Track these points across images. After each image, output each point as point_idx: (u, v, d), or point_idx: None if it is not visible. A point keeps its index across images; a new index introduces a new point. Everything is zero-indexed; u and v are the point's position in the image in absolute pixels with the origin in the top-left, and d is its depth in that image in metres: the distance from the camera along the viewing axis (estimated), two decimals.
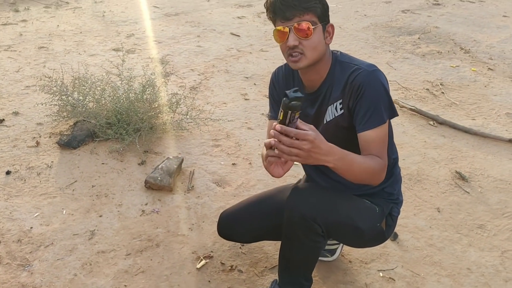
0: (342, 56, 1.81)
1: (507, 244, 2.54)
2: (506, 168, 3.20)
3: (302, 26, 1.65)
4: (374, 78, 1.71)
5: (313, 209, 1.67)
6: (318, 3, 1.68)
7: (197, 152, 3.15)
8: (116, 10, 5.86)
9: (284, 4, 1.64)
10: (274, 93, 2.00)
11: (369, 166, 1.67)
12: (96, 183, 2.79)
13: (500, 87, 4.45)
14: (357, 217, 1.79)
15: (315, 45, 1.69)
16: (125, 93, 3.25)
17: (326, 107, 1.83)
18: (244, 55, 4.79)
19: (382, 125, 1.71)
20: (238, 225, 2.12)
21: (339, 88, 1.77)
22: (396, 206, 1.99)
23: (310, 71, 1.79)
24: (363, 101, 1.71)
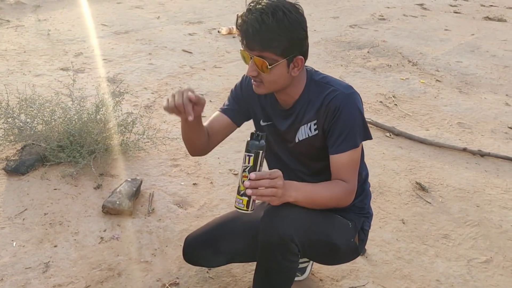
0: (317, 75, 1.77)
1: (471, 252, 2.57)
2: (463, 177, 3.27)
3: (259, 61, 1.58)
4: (350, 101, 1.68)
5: (290, 229, 1.61)
6: (282, 40, 1.56)
7: (155, 173, 3.03)
8: (62, 28, 5.64)
9: (247, 34, 1.57)
10: (239, 97, 1.92)
11: (333, 195, 1.69)
12: (48, 210, 2.61)
13: (449, 98, 4.58)
14: (332, 234, 1.74)
15: (273, 79, 1.64)
16: (77, 114, 3.10)
17: (298, 126, 1.78)
18: (198, 72, 4.71)
19: (355, 149, 1.70)
20: (205, 249, 2.02)
21: (313, 109, 1.72)
22: (367, 220, 1.97)
23: (279, 93, 1.74)
24: (338, 123, 1.68)
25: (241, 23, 1.59)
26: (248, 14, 1.57)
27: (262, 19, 1.53)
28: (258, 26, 1.53)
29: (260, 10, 1.55)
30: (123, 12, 6.51)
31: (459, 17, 7.82)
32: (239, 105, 1.91)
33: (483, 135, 3.90)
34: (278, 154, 1.93)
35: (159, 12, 6.60)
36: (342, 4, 7.99)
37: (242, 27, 1.58)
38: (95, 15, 6.25)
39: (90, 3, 6.76)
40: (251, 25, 1.54)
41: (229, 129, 1.94)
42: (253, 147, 1.45)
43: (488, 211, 2.93)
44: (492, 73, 5.35)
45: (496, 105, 4.51)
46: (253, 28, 1.53)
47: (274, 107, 1.84)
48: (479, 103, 4.52)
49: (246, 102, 1.90)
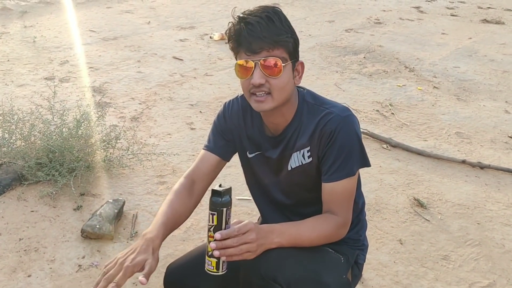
0: (310, 96, 1.61)
1: (473, 275, 2.43)
2: (463, 192, 3.13)
3: (270, 62, 1.43)
4: (347, 125, 1.53)
5: (273, 268, 1.45)
6: (290, 37, 1.46)
7: (140, 191, 2.88)
8: (49, 35, 5.48)
9: (251, 34, 1.41)
10: (224, 128, 1.75)
11: (321, 233, 1.55)
12: (24, 235, 2.46)
13: (447, 106, 4.45)
14: (321, 271, 1.58)
15: (283, 85, 1.48)
16: (57, 129, 2.94)
17: (290, 153, 1.63)
18: (188, 80, 4.55)
19: (350, 177, 1.55)
20: (188, 280, 1.86)
21: (307, 134, 1.57)
22: (362, 252, 1.82)
23: (275, 113, 1.57)
24: (333, 149, 1.53)
25: (239, 28, 1.44)
26: (246, 18, 1.43)
27: (267, 17, 1.42)
28: (265, 22, 1.41)
29: (260, 12, 1.44)
30: (112, 17, 6.36)
31: (456, 20, 7.68)
32: (225, 138, 1.74)
33: (482, 146, 3.76)
34: (266, 187, 1.77)
35: (150, 17, 6.45)
36: (337, 7, 7.86)
37: (241, 31, 1.43)
38: (83, 21, 6.10)
39: (78, 8, 6.61)
40: (257, 23, 1.41)
41: (219, 168, 1.77)
42: (216, 205, 1.32)
43: (490, 229, 2.79)
44: (491, 78, 5.22)
45: (495, 113, 4.37)
46: (260, 25, 1.41)
47: (263, 135, 1.69)
48: (478, 111, 4.39)
49: (232, 133, 1.73)
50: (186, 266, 1.88)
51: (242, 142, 1.73)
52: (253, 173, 1.78)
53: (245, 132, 1.72)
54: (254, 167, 1.76)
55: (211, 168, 1.75)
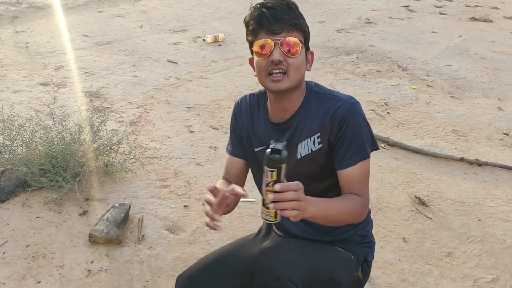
0: (317, 87, 1.66)
1: (477, 271, 2.47)
2: (463, 189, 3.18)
3: (290, 41, 1.51)
4: (356, 111, 1.59)
5: (288, 269, 1.48)
6: (306, 26, 1.57)
7: (144, 195, 2.89)
8: (41, 40, 5.45)
9: (273, 16, 1.50)
10: (236, 128, 1.80)
11: (348, 210, 1.58)
12: (31, 241, 2.45)
13: (441, 104, 4.51)
14: (334, 270, 1.61)
15: (299, 65, 1.55)
16: (59, 134, 2.94)
17: (298, 140, 1.65)
18: (184, 83, 4.56)
19: (365, 160, 1.60)
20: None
21: (316, 121, 1.61)
22: (370, 250, 1.84)
23: (285, 98, 1.61)
24: (346, 134, 1.57)
25: (260, 13, 1.53)
26: (267, 4, 1.54)
27: (287, 4, 1.54)
28: (286, 8, 1.52)
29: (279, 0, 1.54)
30: (105, 21, 6.33)
31: (445, 18, 7.77)
32: (242, 139, 1.79)
33: (478, 143, 3.82)
34: None
35: (142, 21, 6.43)
36: (327, 7, 7.91)
37: (263, 14, 1.52)
38: (75, 25, 6.07)
39: (69, 13, 6.57)
40: (279, 7, 1.51)
41: (247, 168, 1.83)
42: (275, 162, 1.31)
43: (491, 225, 2.84)
44: (483, 76, 5.29)
45: (489, 110, 4.44)
46: (282, 9, 1.51)
47: (268, 124, 1.71)
48: (472, 108, 4.45)
49: (245, 131, 1.77)
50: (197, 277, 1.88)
51: (251, 138, 1.76)
52: (259, 169, 1.80)
53: (252, 128, 1.75)
54: (261, 161, 1.78)
55: (240, 170, 1.81)
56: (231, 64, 5.12)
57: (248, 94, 1.81)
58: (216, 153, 3.39)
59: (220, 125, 3.80)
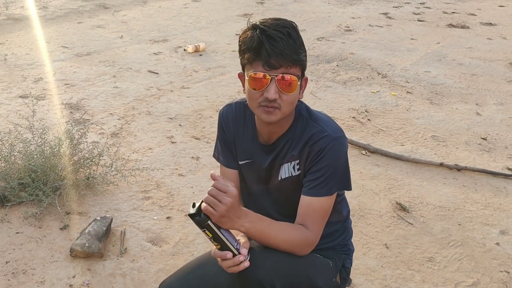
0: (306, 111, 1.65)
1: (458, 275, 2.50)
2: (443, 194, 3.22)
3: (288, 79, 1.46)
4: (336, 146, 1.57)
5: (270, 274, 1.50)
6: (305, 56, 1.50)
7: (126, 207, 2.87)
8: (20, 52, 5.39)
9: (274, 50, 1.43)
10: (225, 138, 1.78)
11: (289, 239, 1.56)
12: (10, 258, 2.42)
13: (421, 110, 4.57)
14: (314, 275, 1.63)
15: (293, 101, 1.52)
16: (38, 148, 2.91)
17: (281, 163, 1.66)
18: (165, 93, 4.55)
19: (328, 197, 1.59)
20: None
21: (297, 147, 1.61)
22: (348, 256, 1.87)
23: (274, 124, 1.61)
24: (318, 166, 1.57)
25: (259, 42, 1.44)
26: (267, 31, 1.44)
27: (288, 34, 1.45)
28: (286, 39, 1.43)
29: (281, 27, 1.46)
30: (84, 32, 6.29)
31: (423, 25, 7.89)
32: (231, 150, 1.78)
33: (457, 148, 3.87)
34: (255, 195, 1.80)
35: (122, 31, 6.41)
36: (307, 16, 7.97)
37: (262, 45, 1.44)
38: (55, 37, 6.02)
39: (49, 24, 6.52)
40: (280, 39, 1.42)
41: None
42: (201, 223, 1.41)
43: (470, 229, 2.88)
44: (461, 82, 5.38)
45: (467, 115, 4.51)
46: (283, 41, 1.42)
47: (256, 142, 1.72)
48: (451, 114, 4.52)
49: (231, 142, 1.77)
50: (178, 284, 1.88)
51: (237, 149, 1.76)
52: (243, 180, 1.81)
53: (238, 139, 1.75)
54: (243, 175, 1.79)
55: (236, 182, 1.79)
56: (212, 74, 5.12)
57: (233, 102, 1.77)
58: (199, 164, 3.39)
59: (202, 135, 3.80)
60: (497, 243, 2.77)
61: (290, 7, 8.37)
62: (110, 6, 7.47)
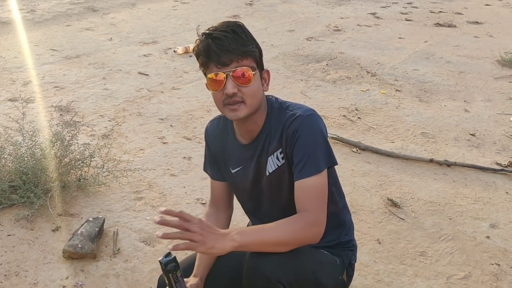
0: (278, 103, 1.68)
1: (449, 269, 2.53)
2: (433, 189, 3.25)
3: (240, 72, 1.51)
4: (309, 123, 1.59)
5: (277, 270, 1.50)
6: (255, 48, 1.56)
7: (118, 208, 2.86)
8: (8, 55, 5.36)
9: (220, 48, 1.49)
10: (210, 153, 1.85)
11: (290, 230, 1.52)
12: (2, 260, 2.41)
13: (410, 108, 4.60)
14: (320, 272, 1.64)
15: (254, 92, 1.56)
16: (29, 150, 2.90)
17: (266, 158, 1.68)
18: (156, 95, 4.55)
19: (318, 174, 1.57)
20: None
21: (276, 137, 1.64)
22: (353, 253, 1.89)
23: (247, 121, 1.64)
24: (298, 148, 1.58)
25: (206, 45, 1.51)
26: (212, 34, 1.51)
27: (232, 31, 1.51)
28: (232, 36, 1.50)
29: (225, 27, 1.53)
30: (73, 35, 6.27)
31: (411, 24, 7.95)
32: (218, 164, 1.83)
33: (447, 144, 3.91)
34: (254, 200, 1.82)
35: (111, 34, 6.40)
36: (296, 16, 7.99)
37: (209, 47, 1.50)
38: (43, 40, 5.99)
39: (37, 27, 6.49)
40: (225, 37, 1.49)
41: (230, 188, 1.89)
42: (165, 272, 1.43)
43: (461, 223, 2.91)
44: (449, 79, 5.43)
45: (456, 112, 4.56)
46: (228, 39, 1.49)
47: (238, 146, 1.74)
48: (440, 111, 4.56)
49: (218, 156, 1.81)
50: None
51: (225, 160, 1.79)
52: (239, 188, 1.83)
53: (226, 151, 1.78)
54: (238, 183, 1.81)
55: (225, 191, 1.87)
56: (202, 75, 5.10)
57: (214, 118, 1.83)
58: (190, 163, 3.39)
59: (193, 135, 3.80)
60: (488, 237, 2.80)
61: (279, 8, 8.40)
62: (99, 9, 7.45)
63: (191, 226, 1.38)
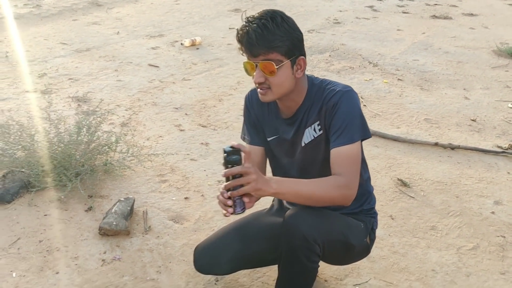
0: (318, 80, 1.85)
1: (459, 241, 2.71)
2: (439, 170, 3.44)
3: (266, 65, 1.68)
4: (348, 98, 1.76)
5: (312, 230, 1.67)
6: (285, 41, 1.68)
7: (145, 190, 3.02)
8: (20, 49, 5.49)
9: (250, 42, 1.67)
10: (250, 117, 2.01)
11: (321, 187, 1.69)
12: (43, 237, 2.56)
13: (413, 96, 4.79)
14: (348, 234, 1.82)
15: (281, 82, 1.72)
16: (57, 136, 3.04)
17: (303, 130, 1.85)
18: (168, 85, 4.70)
19: (352, 144, 1.73)
20: (219, 256, 2.05)
21: (316, 110, 1.80)
22: (375, 220, 2.06)
23: (286, 100, 1.81)
24: (336, 118, 1.75)
25: (241, 35, 1.69)
26: (247, 25, 1.68)
27: (263, 25, 1.65)
28: (261, 30, 1.65)
29: (258, 18, 1.68)
30: (80, 29, 6.39)
31: (408, 17, 8.14)
32: (257, 128, 1.98)
33: (449, 129, 4.10)
34: (284, 167, 1.99)
35: (118, 28, 6.52)
36: (296, 10, 8.15)
37: (243, 37, 1.69)
38: (52, 34, 6.11)
39: (44, 22, 6.59)
40: (254, 31, 1.65)
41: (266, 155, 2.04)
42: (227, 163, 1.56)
43: (467, 201, 3.10)
44: (448, 69, 5.62)
45: (456, 99, 4.75)
46: (256, 33, 1.65)
47: (278, 118, 1.91)
48: (441, 98, 4.75)
49: (259, 121, 1.97)
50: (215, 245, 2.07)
51: (264, 128, 1.96)
52: (273, 155, 2.00)
53: (265, 119, 1.95)
54: (273, 150, 1.98)
55: (262, 156, 2.01)
56: (211, 66, 5.28)
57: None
58: (208, 149, 3.55)
59: (208, 123, 3.96)
60: (493, 212, 2.99)
61: (279, 2, 8.55)
62: (103, 4, 7.56)
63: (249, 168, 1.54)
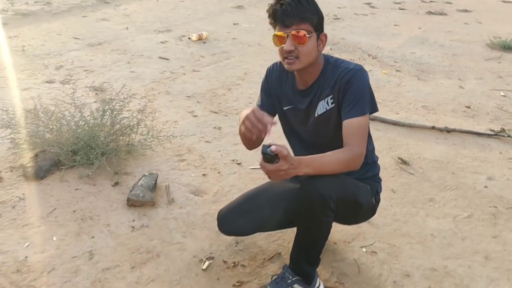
0: (333, 59, 2.09)
1: (455, 211, 2.97)
2: (436, 150, 3.70)
3: (299, 34, 1.91)
4: (359, 76, 2.00)
5: (328, 189, 1.91)
6: (315, 15, 1.94)
7: (165, 168, 3.27)
8: (35, 43, 5.73)
9: (284, 13, 1.89)
10: (267, 87, 2.24)
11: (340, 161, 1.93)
12: (76, 208, 2.81)
13: (410, 85, 5.06)
14: (358, 194, 2.07)
15: (309, 51, 1.96)
16: (82, 119, 3.29)
17: (317, 102, 2.10)
18: (179, 76, 4.95)
19: (362, 116, 1.97)
20: (241, 218, 2.27)
21: (329, 86, 2.05)
22: (379, 184, 2.31)
23: (303, 72, 2.05)
24: (349, 93, 1.99)
25: (274, 8, 1.92)
26: (280, 0, 1.91)
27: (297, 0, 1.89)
28: (295, 4, 1.89)
29: None
30: (91, 25, 6.64)
31: (404, 13, 8.42)
32: (271, 97, 2.22)
33: (445, 115, 4.37)
34: (298, 133, 2.24)
35: (127, 23, 6.78)
36: None
37: (277, 10, 1.91)
38: (64, 30, 6.35)
39: (55, 18, 6.84)
40: (289, 4, 1.89)
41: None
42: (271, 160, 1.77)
43: (462, 177, 3.36)
44: (443, 61, 5.90)
45: (451, 88, 5.02)
46: (291, 6, 1.88)
47: (294, 90, 2.16)
48: (437, 87, 5.02)
49: (274, 92, 2.21)
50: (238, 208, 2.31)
51: (280, 98, 2.21)
52: (288, 122, 2.25)
53: (282, 90, 2.19)
54: (288, 118, 2.23)
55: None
56: (218, 58, 5.54)
57: (279, 61, 2.20)
58: (221, 132, 3.81)
59: (219, 109, 4.22)
60: (486, 186, 3.26)
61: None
62: (110, 1, 7.82)
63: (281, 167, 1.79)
